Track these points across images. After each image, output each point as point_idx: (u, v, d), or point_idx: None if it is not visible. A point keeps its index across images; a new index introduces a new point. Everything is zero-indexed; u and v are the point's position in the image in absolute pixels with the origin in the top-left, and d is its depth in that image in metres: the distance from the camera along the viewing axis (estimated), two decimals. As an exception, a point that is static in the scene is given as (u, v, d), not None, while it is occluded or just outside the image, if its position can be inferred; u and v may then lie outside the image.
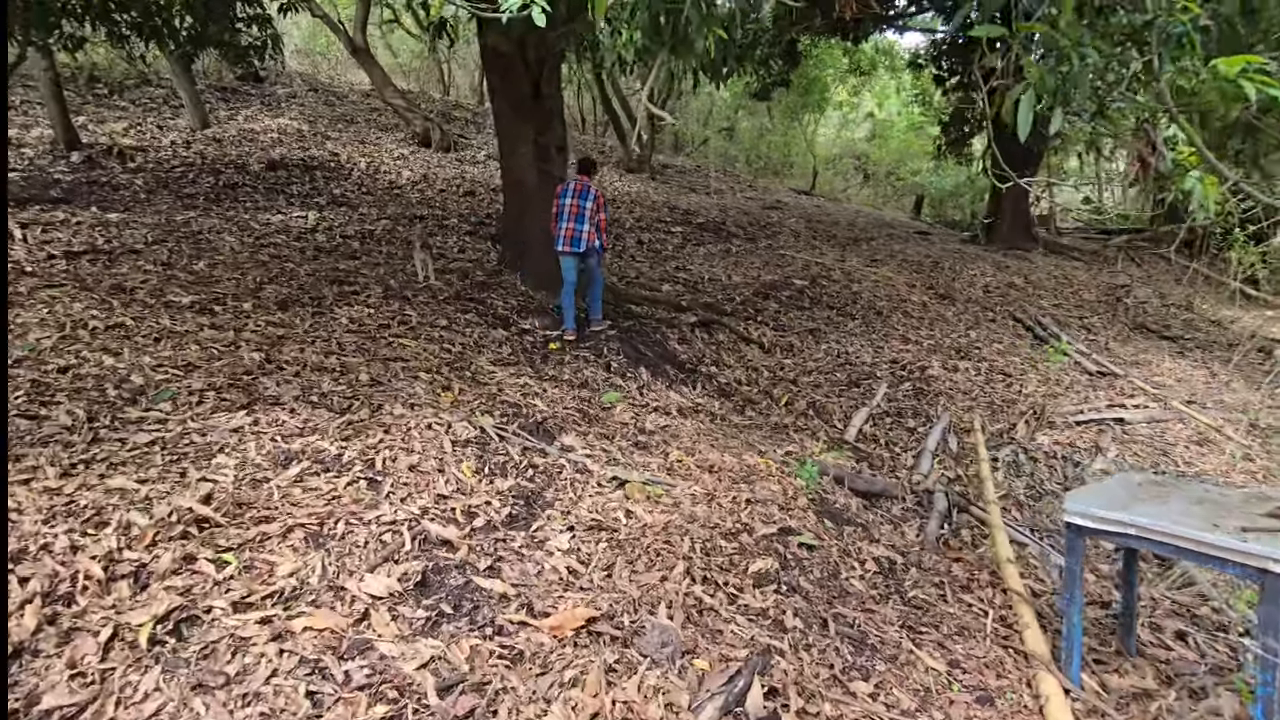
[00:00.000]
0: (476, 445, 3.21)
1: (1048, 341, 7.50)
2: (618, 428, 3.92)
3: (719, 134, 23.86)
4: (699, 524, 2.79)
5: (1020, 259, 11.94)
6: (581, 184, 5.47)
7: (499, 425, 3.50)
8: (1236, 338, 8.81)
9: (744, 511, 2.96)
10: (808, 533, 2.90)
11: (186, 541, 2.09)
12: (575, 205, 5.38)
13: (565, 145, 7.09)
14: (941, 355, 6.61)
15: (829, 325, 7.21)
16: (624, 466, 3.34)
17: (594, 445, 3.56)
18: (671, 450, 3.70)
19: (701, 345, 6.30)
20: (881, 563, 2.87)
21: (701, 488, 3.17)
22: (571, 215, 5.37)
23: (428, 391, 3.76)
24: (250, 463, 2.62)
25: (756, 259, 9.97)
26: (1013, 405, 5.49)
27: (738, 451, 3.86)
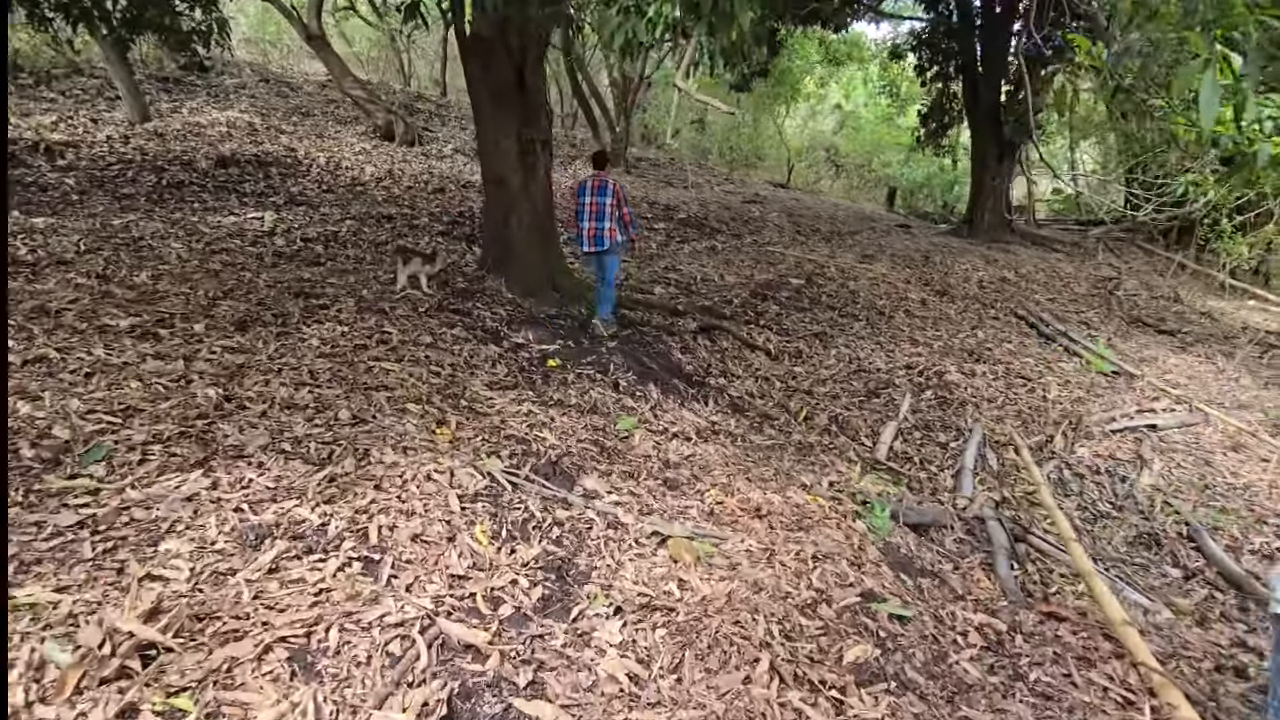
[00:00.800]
0: (487, 499, 2.69)
1: (1054, 340, 7.26)
2: (641, 462, 3.44)
3: (690, 126, 23.43)
4: (768, 594, 2.33)
5: (1004, 252, 11.79)
6: (599, 180, 5.26)
7: (509, 469, 2.98)
8: (1229, 330, 8.75)
9: (813, 572, 2.51)
10: (891, 596, 2.47)
11: (126, 684, 1.54)
12: (595, 203, 5.21)
13: (550, 140, 6.54)
14: (955, 358, 6.29)
15: (834, 328, 6.82)
16: (660, 515, 2.86)
17: (620, 488, 3.07)
18: (706, 489, 3.24)
19: (706, 354, 5.85)
20: (986, 634, 2.46)
21: (755, 540, 2.71)
22: (592, 214, 5.23)
23: (420, 428, 3.21)
24: (210, 547, 2.06)
25: (745, 256, 9.56)
26: (1042, 413, 5.18)
27: (778, 486, 3.41)
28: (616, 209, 5.29)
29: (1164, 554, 3.71)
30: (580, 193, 5.33)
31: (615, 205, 5.27)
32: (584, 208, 5.29)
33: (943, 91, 14.03)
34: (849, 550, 2.73)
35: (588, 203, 5.26)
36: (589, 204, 5.26)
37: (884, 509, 3.13)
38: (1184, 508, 4.07)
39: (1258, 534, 3.86)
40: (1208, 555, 3.65)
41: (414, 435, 3.10)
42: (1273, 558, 3.70)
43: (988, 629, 2.49)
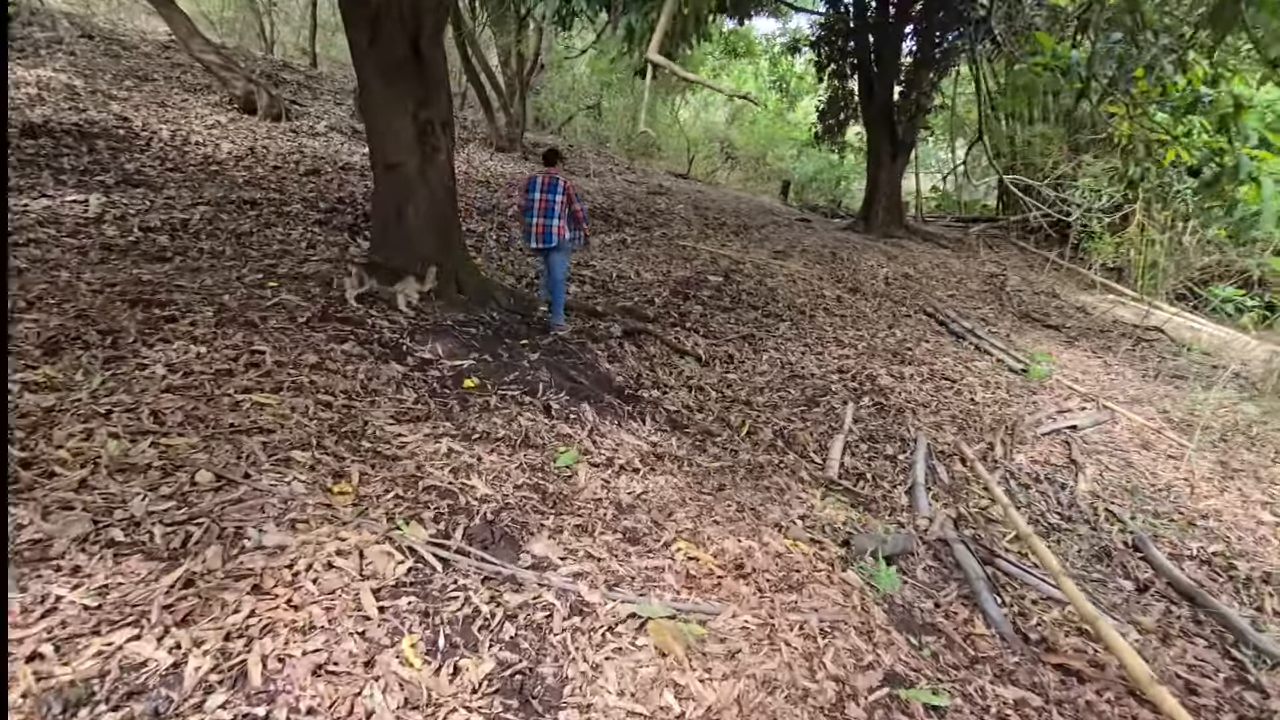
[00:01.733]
0: (413, 590, 2.05)
1: (964, 338, 7.42)
2: (592, 509, 2.90)
3: (585, 112, 22.75)
4: (784, 694, 1.89)
5: (900, 247, 12.19)
6: (549, 177, 5.23)
7: (437, 539, 2.35)
8: (1102, 324, 9.44)
9: (825, 654, 2.11)
10: (913, 673, 2.12)
11: None
12: (545, 200, 5.18)
13: (452, 121, 5.76)
14: (881, 360, 6.21)
15: (760, 329, 6.56)
16: (631, 585, 2.35)
17: (575, 549, 2.52)
18: (672, 539, 2.75)
19: (634, 362, 5.36)
20: (1024, 713, 2.16)
21: (748, 612, 2.26)
22: (542, 210, 5.19)
23: (312, 487, 2.49)
24: (-20, 740, 1.32)
25: (658, 251, 9.16)
26: (975, 418, 5.16)
27: (750, 528, 3.00)
28: (567, 206, 5.24)
29: (1115, 566, 3.70)
30: (530, 188, 5.25)
31: (566, 203, 5.22)
32: (533, 204, 5.20)
33: (839, 89, 14.30)
34: (854, 615, 2.36)
35: (537, 199, 5.19)
36: (539, 200, 5.18)
37: (889, 571, 2.79)
38: (1124, 514, 4.11)
39: (1192, 539, 3.96)
40: (1156, 566, 3.66)
41: (304, 499, 2.39)
42: (1210, 562, 3.79)
43: (1025, 707, 2.20)
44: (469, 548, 2.35)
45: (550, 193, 5.19)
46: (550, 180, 5.22)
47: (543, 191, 5.19)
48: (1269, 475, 5.06)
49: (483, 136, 15.15)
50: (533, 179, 5.30)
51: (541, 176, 5.27)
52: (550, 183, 5.21)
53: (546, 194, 5.19)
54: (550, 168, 5.37)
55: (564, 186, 5.25)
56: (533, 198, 5.23)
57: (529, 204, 5.25)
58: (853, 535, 3.14)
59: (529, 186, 5.27)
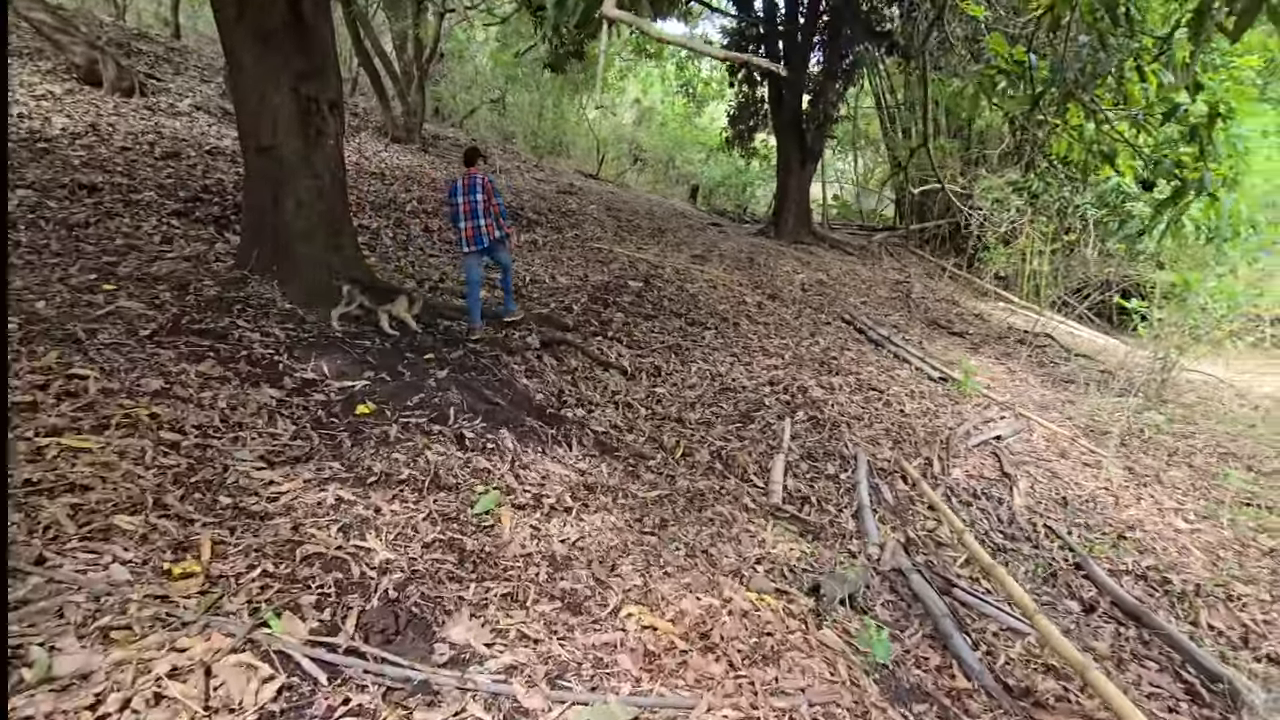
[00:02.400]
0: (285, 723, 1.48)
1: (882, 346, 7.44)
2: (521, 567, 2.39)
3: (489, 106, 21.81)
4: (788, 827, 1.48)
5: (810, 253, 12.34)
6: (469, 178, 5.10)
7: (320, 635, 1.77)
8: (999, 330, 9.88)
9: (825, 754, 1.73)
10: (925, 770, 1.79)
11: None
12: (467, 202, 5.07)
13: (341, 102, 5.02)
14: (810, 370, 6.04)
15: (686, 338, 6.22)
16: (579, 675, 1.87)
17: (505, 630, 2.01)
18: (620, 602, 2.30)
19: (554, 376, 4.85)
20: None
21: (726, 703, 1.85)
22: (466, 214, 5.08)
23: (140, 571, 1.84)
24: None
25: (573, 254, 8.66)
26: (908, 431, 5.05)
27: (706, 579, 2.59)
28: (487, 203, 5.12)
29: (1061, 586, 3.61)
30: (452, 194, 5.16)
31: (486, 200, 5.10)
32: (457, 208, 5.12)
33: (749, 95, 14.36)
34: (844, 692, 2.00)
35: (460, 202, 5.09)
36: (462, 203, 5.09)
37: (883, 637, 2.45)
38: (1061, 529, 4.08)
39: (1125, 552, 3.97)
40: (1099, 585, 3.61)
41: (126, 591, 1.74)
42: (1146, 577, 3.80)
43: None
44: (365, 645, 1.79)
45: (471, 194, 5.07)
46: (469, 181, 5.09)
47: (464, 194, 5.08)
48: (1170, 479, 5.28)
49: (377, 125, 14.03)
50: (453, 184, 5.18)
51: (461, 179, 5.13)
52: (470, 184, 5.09)
53: (468, 196, 5.07)
54: (470, 167, 5.21)
55: (482, 184, 5.11)
56: (455, 202, 5.12)
57: (454, 209, 5.16)
58: (819, 581, 2.81)
59: (451, 192, 5.18)
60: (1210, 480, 5.40)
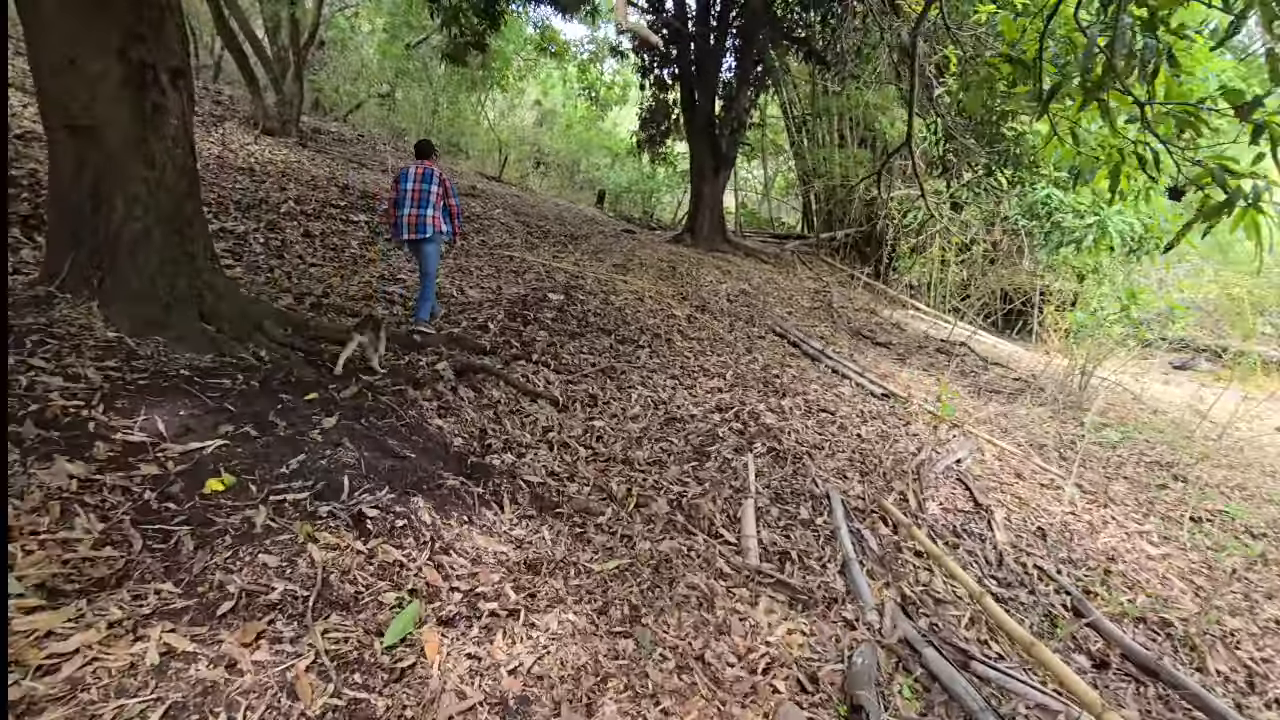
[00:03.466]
0: None
1: (819, 360, 7.10)
2: (461, 741, 1.61)
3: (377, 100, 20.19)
4: None
5: (727, 261, 12.03)
6: (423, 168, 5.06)
7: None
8: (918, 339, 9.92)
9: None
10: None
11: None
12: (418, 189, 4.98)
13: (188, 71, 3.93)
14: (756, 392, 5.53)
15: (619, 359, 5.54)
16: None
17: None
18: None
19: (474, 413, 4.02)
20: None
21: None
22: (414, 200, 4.98)
23: None
24: None
25: (481, 263, 7.77)
26: (872, 460, 4.62)
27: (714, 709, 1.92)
28: (442, 199, 5.09)
29: (1065, 639, 3.25)
30: (401, 179, 5.04)
31: (441, 195, 5.08)
32: (405, 194, 4.97)
33: (660, 99, 13.93)
34: None
35: (410, 189, 4.97)
36: (411, 190, 4.97)
37: None
38: (1048, 567, 3.75)
39: (1118, 591, 3.70)
40: (1106, 635, 3.27)
41: None
42: (1145, 619, 3.52)
43: None
44: None
45: (425, 182, 4.99)
46: (424, 170, 5.02)
47: (416, 181, 4.98)
48: (1117, 494, 5.19)
49: (245, 115, 12.37)
50: (404, 170, 5.06)
51: (414, 167, 5.04)
52: (424, 173, 5.01)
53: (420, 183, 4.98)
54: (424, 159, 5.16)
55: (440, 178, 5.05)
56: (405, 188, 4.97)
57: (400, 195, 4.98)
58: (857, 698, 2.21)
59: (400, 178, 5.04)
60: (1150, 493, 5.38)
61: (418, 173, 5.03)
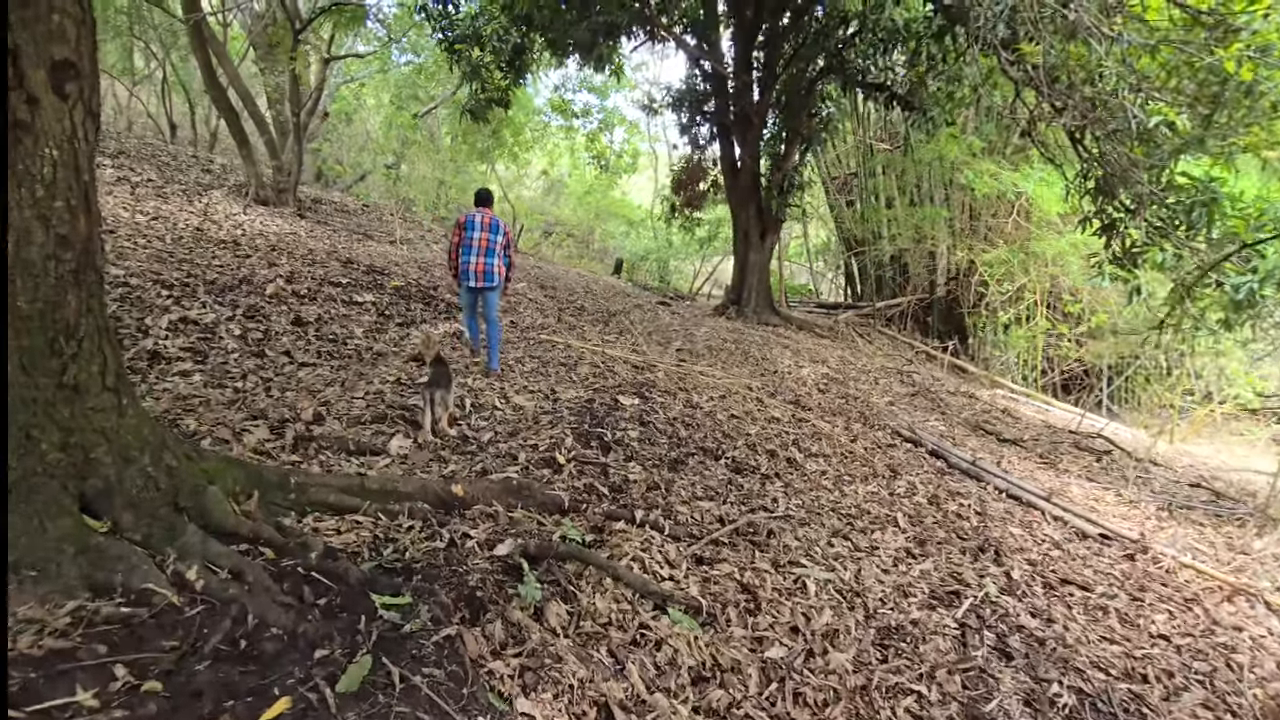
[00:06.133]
0: None
1: (981, 479, 5.31)
2: None
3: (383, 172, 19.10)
4: None
5: (786, 337, 10.41)
6: (489, 217, 5.06)
7: None
8: (1039, 429, 8.17)
9: None
10: None
11: None
12: (486, 239, 5.02)
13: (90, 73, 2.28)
14: (958, 552, 3.72)
15: (748, 502, 3.76)
16: None
17: None
18: None
19: (577, 664, 2.21)
20: None
21: None
22: (482, 249, 5.02)
23: None
24: None
25: (520, 352, 6.10)
26: (1222, 696, 2.79)
27: None
28: (506, 247, 5.11)
29: None
30: (468, 227, 5.03)
31: (504, 245, 5.09)
32: (472, 242, 5.02)
33: (695, 158, 12.67)
34: None
35: (477, 237, 5.01)
36: (478, 238, 5.01)
37: None
38: None
39: None
40: None
41: None
42: None
43: None
44: None
45: (492, 232, 5.03)
46: (491, 220, 5.06)
47: (484, 230, 5.01)
48: None
49: (235, 185, 10.97)
50: (470, 217, 5.06)
51: (479, 215, 5.06)
52: (491, 222, 5.05)
53: (488, 233, 5.01)
54: (486, 207, 5.15)
55: (504, 229, 5.10)
56: (472, 236, 5.01)
57: (467, 242, 5.02)
58: None
59: (466, 225, 5.05)
60: None
61: (484, 221, 5.00)
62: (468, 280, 5.04)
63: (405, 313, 6.85)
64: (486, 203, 5.16)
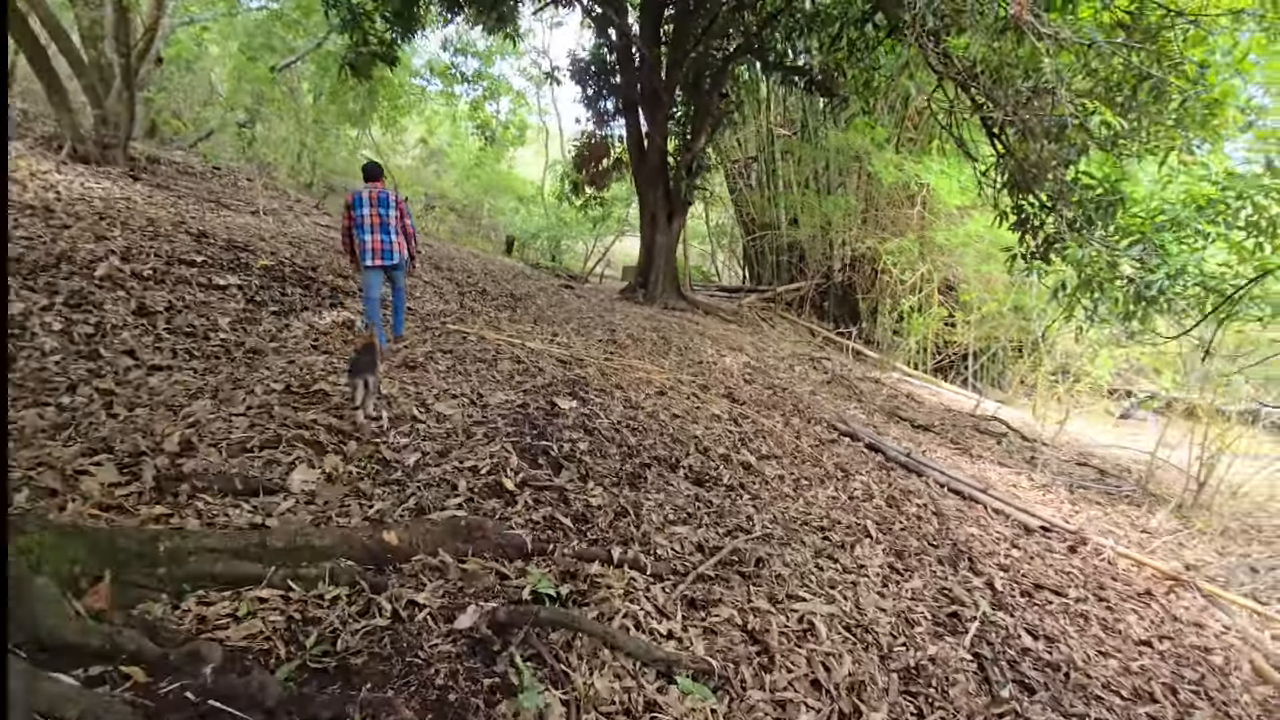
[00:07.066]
0: None
1: (922, 473, 5.29)
2: None
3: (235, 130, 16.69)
4: None
5: (697, 323, 10.17)
6: (377, 192, 4.78)
7: None
8: (941, 413, 8.51)
9: None
10: None
11: None
12: (376, 214, 4.75)
13: None
14: (937, 562, 3.55)
15: (722, 521, 3.37)
16: None
17: None
18: None
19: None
20: None
21: None
22: (375, 226, 4.76)
23: None
24: None
25: (429, 347, 5.33)
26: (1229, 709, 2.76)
27: None
28: (400, 221, 4.88)
29: None
30: (356, 205, 4.74)
31: (399, 218, 4.86)
32: (362, 219, 4.73)
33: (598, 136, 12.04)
34: None
35: (367, 214, 4.73)
36: (369, 214, 4.72)
37: None
38: None
39: None
40: None
41: None
42: None
43: None
44: None
45: (381, 206, 4.73)
46: (379, 194, 4.75)
47: (373, 206, 4.71)
48: None
49: (44, 135, 8.99)
50: (357, 194, 4.76)
51: (367, 191, 4.76)
52: (380, 197, 4.74)
53: (377, 208, 4.71)
54: (375, 182, 4.84)
55: (395, 201, 4.81)
56: (362, 214, 4.71)
57: (358, 221, 4.72)
58: None
59: (354, 203, 4.74)
60: None
61: (372, 197, 4.75)
62: (367, 260, 4.74)
63: (281, 298, 5.80)
64: (374, 177, 4.90)
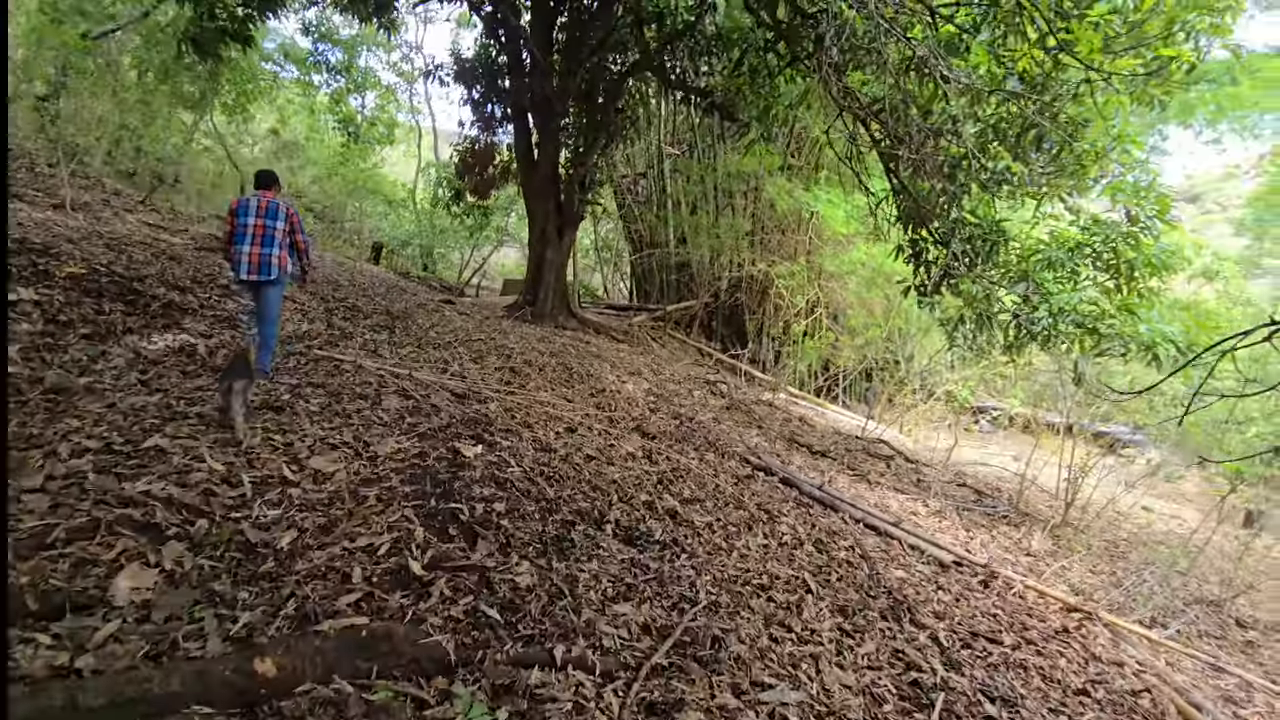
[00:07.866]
0: None
1: (837, 509, 5.22)
2: None
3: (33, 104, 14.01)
4: None
5: (587, 343, 9.78)
6: (266, 201, 4.51)
7: None
8: (834, 438, 8.71)
9: None
10: None
11: None
12: (261, 225, 4.45)
13: None
14: (884, 620, 3.38)
15: (663, 591, 2.98)
16: None
17: None
18: None
19: None
20: None
21: None
22: (257, 237, 4.45)
23: None
24: None
25: (297, 378, 4.51)
26: None
27: None
28: (287, 235, 4.57)
29: None
30: (240, 212, 4.45)
31: (287, 231, 4.56)
32: (245, 229, 4.42)
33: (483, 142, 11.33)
34: None
35: (251, 223, 4.44)
36: (253, 224, 4.44)
37: None
38: None
39: None
40: None
41: None
42: None
43: None
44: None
45: (269, 217, 4.45)
46: (269, 204, 4.47)
47: (259, 216, 4.43)
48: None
49: None
50: (243, 202, 4.48)
51: (255, 200, 4.48)
52: (269, 207, 4.47)
53: (263, 218, 4.43)
54: (265, 190, 4.58)
55: (287, 212, 4.54)
56: (245, 222, 4.42)
57: (240, 230, 4.42)
58: None
59: (239, 209, 4.46)
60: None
61: (260, 206, 4.48)
62: (239, 272, 4.40)
63: (95, 316, 4.71)
64: (267, 185, 4.63)
